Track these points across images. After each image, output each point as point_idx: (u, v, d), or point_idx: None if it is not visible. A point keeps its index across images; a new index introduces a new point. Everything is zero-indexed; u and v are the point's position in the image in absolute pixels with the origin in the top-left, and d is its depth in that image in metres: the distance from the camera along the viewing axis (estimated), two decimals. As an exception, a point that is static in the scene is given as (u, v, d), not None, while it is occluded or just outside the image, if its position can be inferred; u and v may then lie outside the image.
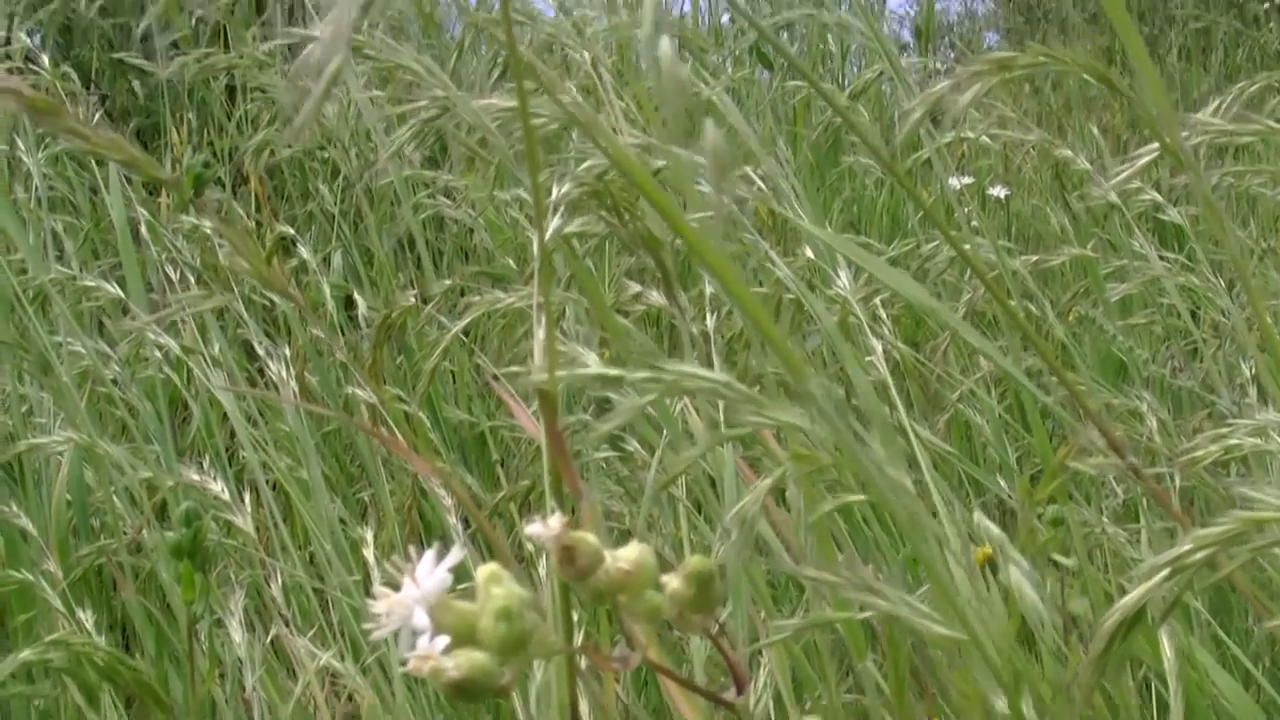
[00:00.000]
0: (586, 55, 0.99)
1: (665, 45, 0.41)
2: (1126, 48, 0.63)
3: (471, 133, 0.79)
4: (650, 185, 0.58)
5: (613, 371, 0.64)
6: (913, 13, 4.43)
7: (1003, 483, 1.37)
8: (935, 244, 1.43)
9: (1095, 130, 2.03)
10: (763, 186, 1.01)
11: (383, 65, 0.79)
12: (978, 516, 0.80)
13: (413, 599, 0.44)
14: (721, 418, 1.03)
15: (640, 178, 0.59)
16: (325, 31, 0.39)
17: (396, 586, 0.44)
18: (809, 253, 1.12)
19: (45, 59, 1.78)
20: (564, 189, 0.79)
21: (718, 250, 0.58)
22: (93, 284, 1.45)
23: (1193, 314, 1.56)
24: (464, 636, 0.45)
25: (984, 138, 1.47)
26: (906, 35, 4.12)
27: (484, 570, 0.46)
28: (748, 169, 1.25)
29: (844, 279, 1.06)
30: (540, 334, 0.76)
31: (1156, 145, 0.71)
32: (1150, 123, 0.69)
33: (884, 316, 1.26)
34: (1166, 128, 0.66)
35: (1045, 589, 1.14)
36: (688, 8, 2.68)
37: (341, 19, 0.40)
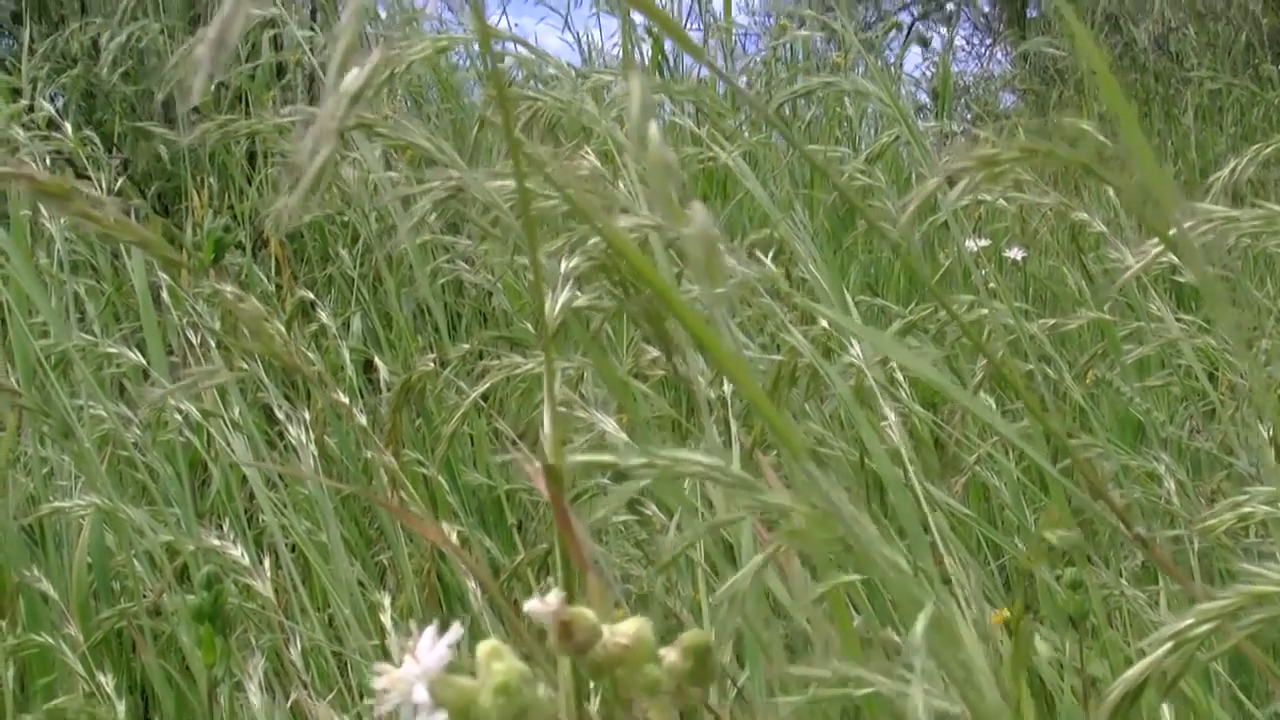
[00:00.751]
0: (602, 122, 1.00)
1: (653, 130, 0.42)
2: (1124, 135, 0.64)
3: (486, 210, 0.80)
4: (644, 264, 0.59)
5: (606, 458, 0.65)
6: (930, 75, 4.44)
7: (1021, 545, 1.37)
8: (954, 307, 1.44)
9: (1111, 191, 2.03)
10: (766, 260, 1.02)
11: (396, 143, 0.80)
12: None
13: (413, 675, 0.44)
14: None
15: (634, 257, 0.59)
16: (317, 121, 0.40)
17: (406, 659, 0.45)
18: (824, 322, 1.13)
19: (68, 126, 1.80)
20: (573, 262, 0.80)
21: (711, 330, 0.58)
22: (114, 350, 1.46)
23: (1210, 375, 1.57)
24: (463, 712, 0.45)
25: (1001, 201, 1.47)
26: (923, 96, 4.13)
27: (484, 647, 0.46)
28: (764, 232, 1.25)
29: (859, 347, 1.06)
30: (549, 407, 0.77)
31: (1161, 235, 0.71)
32: (1153, 217, 0.69)
33: (901, 379, 1.26)
34: (1164, 214, 0.66)
35: (1064, 652, 1.14)
36: (705, 73, 2.70)
37: (333, 111, 0.40)
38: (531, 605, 0.47)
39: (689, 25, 3.03)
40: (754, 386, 0.58)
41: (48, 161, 1.82)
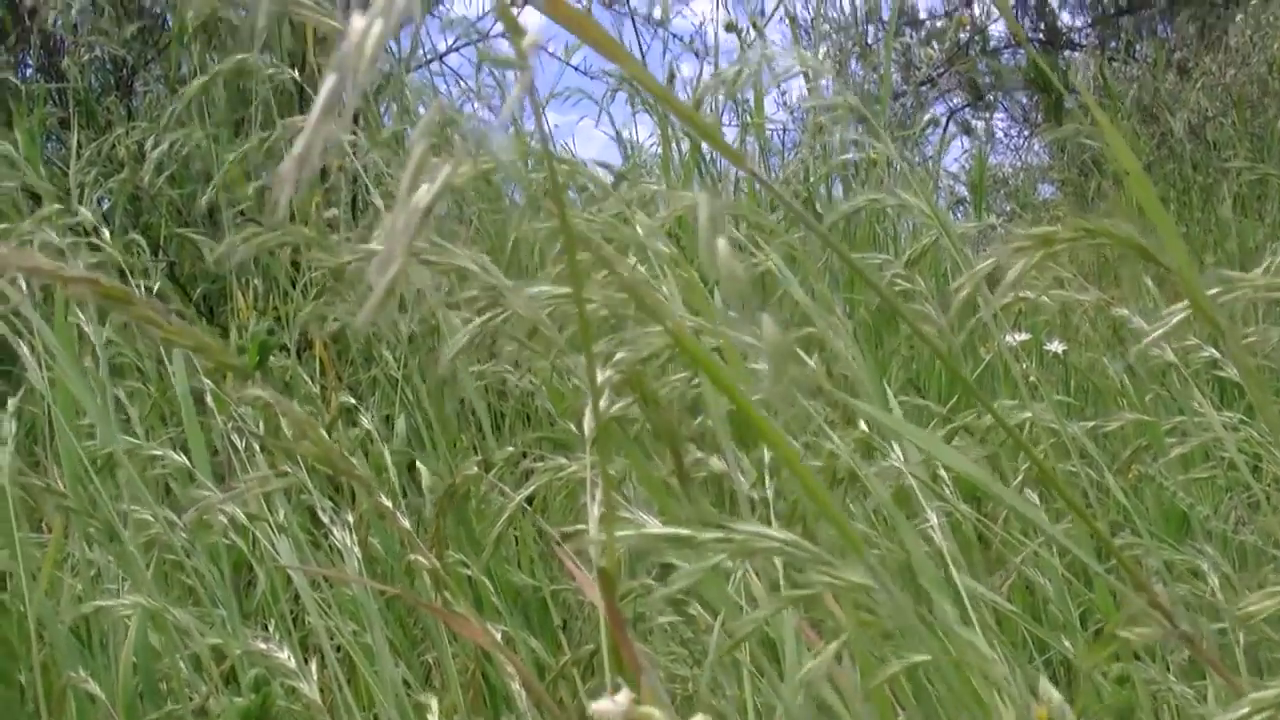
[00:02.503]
0: (642, 232, 1.01)
1: (722, 243, 0.43)
2: (1154, 221, 0.64)
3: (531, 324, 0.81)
4: (709, 362, 0.60)
5: (683, 531, 0.65)
6: (967, 167, 4.46)
7: (1067, 642, 1.36)
8: (996, 407, 1.44)
9: (1150, 282, 2.03)
10: (811, 362, 1.02)
11: (440, 266, 0.81)
12: (1038, 678, 0.80)
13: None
14: (783, 581, 1.04)
15: (699, 355, 0.60)
16: (385, 244, 0.41)
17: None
18: (864, 426, 1.13)
19: (106, 233, 1.82)
20: (606, 374, 0.80)
21: (774, 427, 0.59)
22: (159, 453, 1.47)
23: (1254, 468, 1.56)
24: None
25: (1043, 297, 1.48)
26: (962, 189, 4.15)
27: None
28: (805, 331, 1.26)
29: (899, 452, 1.07)
30: (596, 509, 0.78)
31: (1186, 304, 0.72)
32: (1188, 287, 0.70)
33: (944, 476, 1.26)
34: (1197, 292, 0.67)
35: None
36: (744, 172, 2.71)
37: (405, 227, 0.41)
38: (601, 706, 0.48)
39: (726, 122, 3.05)
40: (816, 483, 0.58)
41: (81, 266, 1.84)
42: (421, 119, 0.43)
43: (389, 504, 1.15)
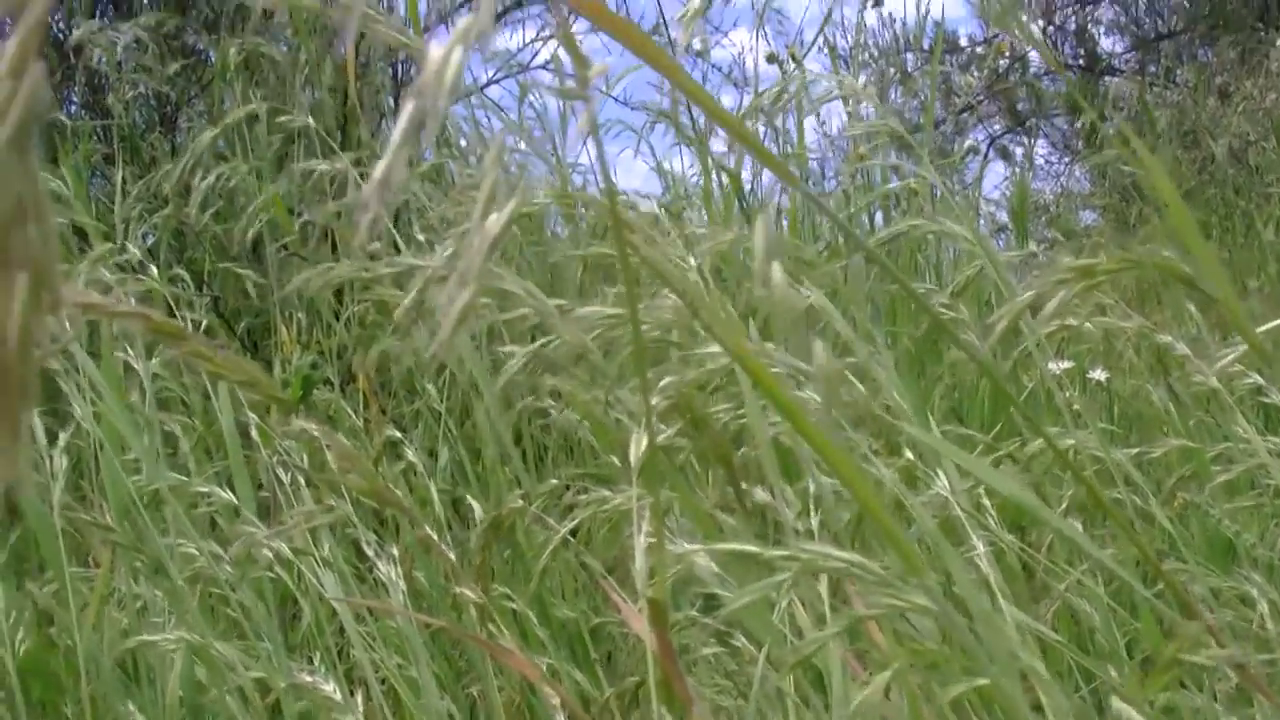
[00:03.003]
0: (691, 262, 1.01)
1: (777, 271, 0.43)
2: (1192, 252, 0.64)
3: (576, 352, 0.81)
4: (771, 382, 0.60)
5: (750, 548, 0.65)
6: (1008, 194, 4.45)
7: (1113, 670, 1.36)
8: (1040, 438, 1.44)
9: (1193, 307, 2.03)
10: (860, 387, 1.02)
11: (487, 290, 0.81)
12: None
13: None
14: (829, 610, 1.04)
15: (762, 375, 0.60)
16: (455, 273, 0.42)
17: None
18: (909, 454, 1.13)
19: (154, 269, 1.83)
20: (654, 401, 0.81)
21: (834, 446, 0.59)
22: (205, 489, 1.48)
23: (1301, 494, 1.56)
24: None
25: (1086, 325, 1.47)
26: (1003, 216, 4.14)
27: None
28: (847, 361, 1.26)
29: (944, 480, 1.06)
30: (642, 539, 0.78)
31: (1241, 341, 0.72)
32: (1232, 315, 0.70)
33: (987, 505, 1.26)
34: (1241, 320, 0.67)
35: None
36: (784, 201, 2.72)
37: (476, 256, 0.42)
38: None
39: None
40: (879, 505, 0.58)
41: (133, 302, 1.85)
42: (490, 151, 0.43)
43: (434, 536, 1.16)
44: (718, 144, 2.83)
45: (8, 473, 0.35)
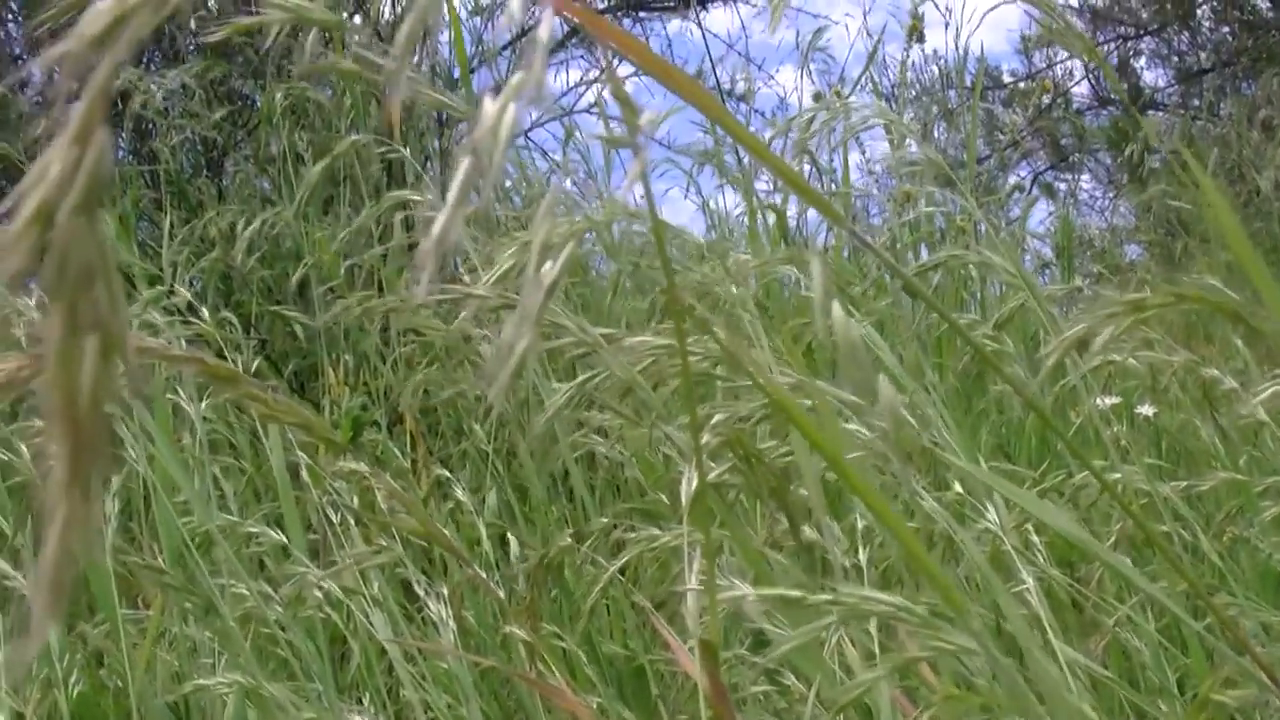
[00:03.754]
0: (735, 290, 1.01)
1: (837, 309, 0.43)
2: (1253, 280, 0.64)
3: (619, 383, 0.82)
4: (806, 422, 0.60)
5: (794, 593, 0.65)
6: (1053, 229, 4.45)
7: (1163, 706, 1.35)
8: (1086, 473, 1.43)
9: (1240, 341, 2.02)
10: (910, 419, 1.02)
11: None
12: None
13: None
14: (878, 648, 1.04)
15: (796, 414, 0.61)
16: (514, 322, 0.42)
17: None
18: (958, 487, 1.13)
19: (205, 311, 1.85)
20: (704, 439, 0.81)
21: (872, 487, 0.59)
22: (256, 530, 1.49)
23: (1351, 528, 1.55)
24: None
25: (1130, 360, 1.47)
26: (1047, 251, 4.13)
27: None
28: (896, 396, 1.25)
29: (994, 514, 1.06)
30: (693, 578, 0.78)
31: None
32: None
33: (1036, 541, 1.26)
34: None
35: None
36: (832, 240, 2.72)
37: (532, 303, 0.42)
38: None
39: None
40: (915, 541, 0.59)
41: (184, 344, 1.87)
42: (545, 200, 0.44)
43: (483, 575, 1.16)
44: (762, 184, 2.84)
45: (83, 533, 0.36)
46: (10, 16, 4.42)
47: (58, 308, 0.36)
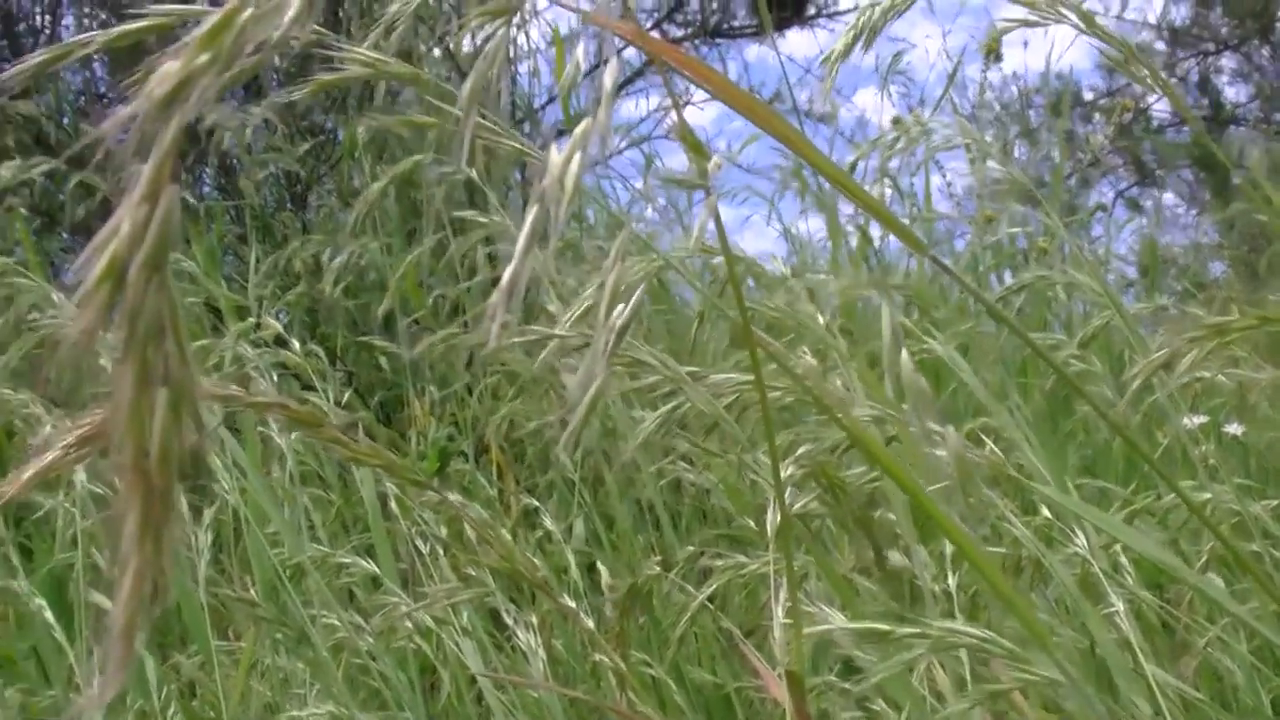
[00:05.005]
0: (821, 320, 1.02)
1: (905, 357, 0.44)
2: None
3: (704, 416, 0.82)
4: (885, 456, 0.61)
5: (881, 626, 0.66)
6: (1137, 248, 4.42)
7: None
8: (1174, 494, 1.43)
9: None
10: (994, 447, 1.02)
11: (620, 360, 0.83)
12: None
13: None
14: (969, 675, 1.04)
15: (874, 449, 0.61)
16: (586, 364, 0.43)
17: None
18: (1046, 511, 1.13)
19: (295, 343, 1.86)
20: (788, 471, 0.81)
21: (953, 519, 0.59)
22: (348, 560, 1.50)
23: None
24: None
25: (1219, 377, 1.46)
26: (1131, 271, 4.11)
27: None
28: (980, 420, 1.26)
29: (1082, 539, 1.06)
30: (780, 608, 0.78)
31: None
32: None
33: (1125, 563, 1.25)
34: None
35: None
36: (912, 262, 2.72)
37: (604, 346, 0.43)
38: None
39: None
40: (999, 577, 0.59)
41: (274, 377, 1.89)
42: (617, 242, 0.44)
43: (572, 605, 1.17)
44: (845, 205, 2.84)
45: (159, 585, 0.37)
46: (96, 55, 4.47)
47: (129, 362, 0.37)
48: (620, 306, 0.45)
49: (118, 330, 0.37)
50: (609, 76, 0.45)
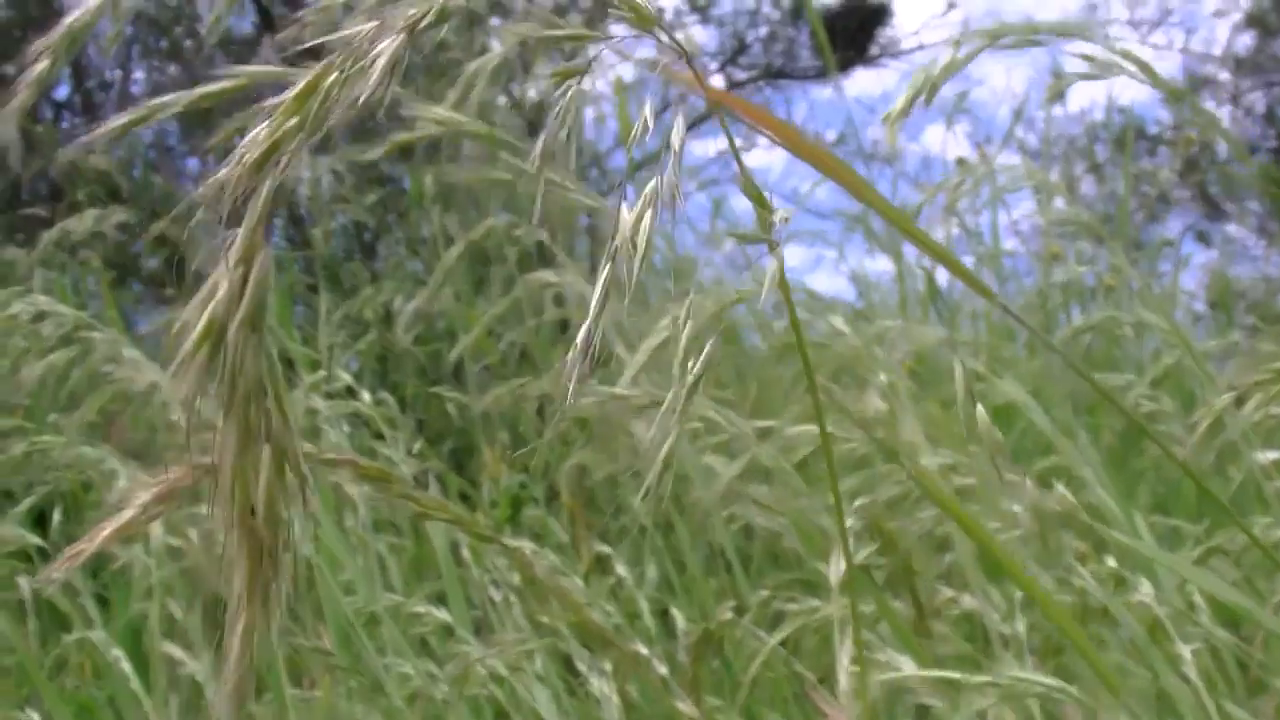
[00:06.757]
0: (884, 377, 1.02)
1: (981, 411, 0.44)
2: None
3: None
4: (954, 506, 0.61)
5: (951, 674, 0.66)
6: (1205, 282, 4.40)
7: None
8: (1251, 527, 1.42)
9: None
10: (1064, 490, 1.02)
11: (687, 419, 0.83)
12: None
13: None
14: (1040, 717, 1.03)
15: (941, 498, 0.61)
16: (659, 422, 0.44)
17: None
18: (1113, 561, 1.13)
19: (365, 394, 1.88)
20: (849, 522, 0.82)
21: (1022, 568, 0.60)
22: (422, 610, 1.51)
23: None
24: None
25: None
26: (1199, 305, 4.08)
27: None
28: (1050, 460, 1.26)
29: (1148, 587, 1.06)
30: (845, 656, 0.79)
31: None
32: None
33: (1200, 602, 1.25)
34: None
35: None
36: (979, 303, 2.71)
37: (675, 403, 0.44)
38: None
39: (958, 253, 3.04)
40: (1070, 622, 0.59)
41: (346, 427, 1.90)
42: (685, 303, 0.45)
43: (644, 651, 1.17)
44: (911, 247, 2.83)
45: (263, 643, 0.37)
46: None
47: (231, 421, 0.38)
48: (692, 362, 0.46)
49: (219, 391, 0.38)
50: (676, 136, 0.45)
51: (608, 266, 0.42)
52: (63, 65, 0.88)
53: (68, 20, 0.89)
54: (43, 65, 0.89)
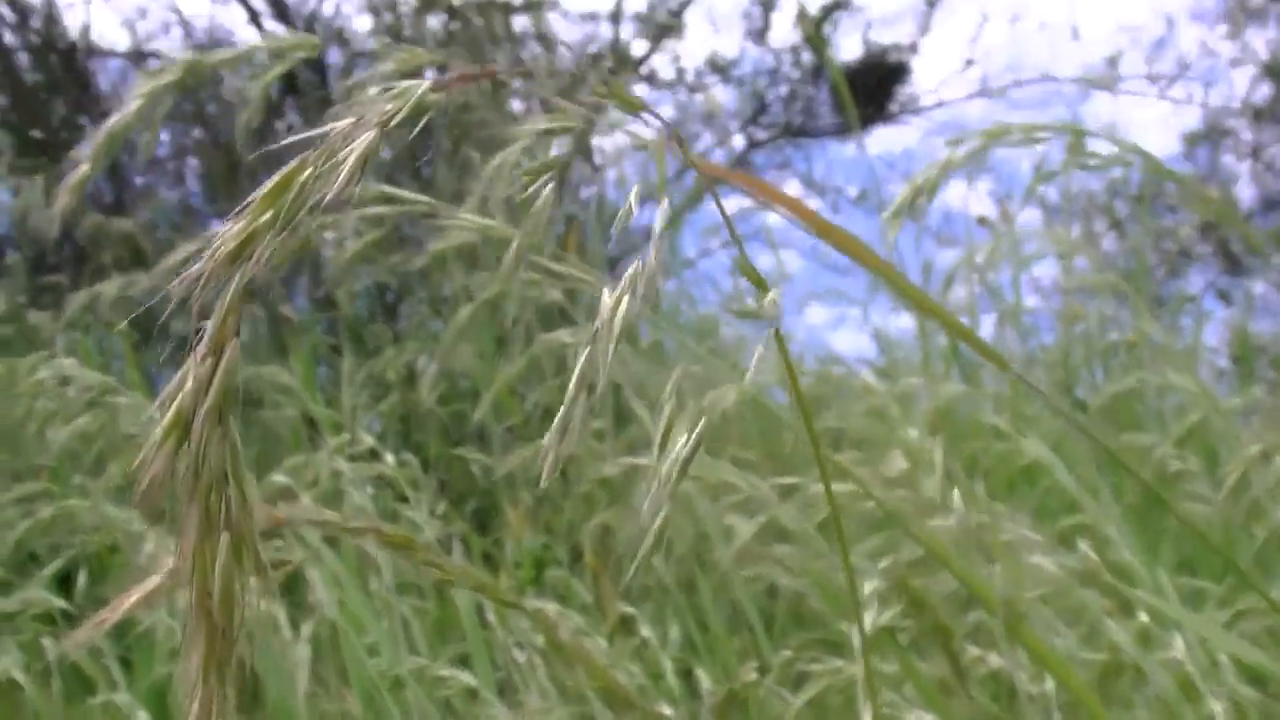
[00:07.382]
0: (913, 433, 1.03)
1: (958, 499, 0.44)
2: None
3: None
4: (966, 573, 0.61)
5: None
6: (1228, 337, 4.40)
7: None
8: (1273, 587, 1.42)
9: None
10: (1087, 549, 1.02)
11: (705, 482, 0.84)
12: None
13: None
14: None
15: (954, 566, 0.62)
16: (653, 493, 0.44)
17: None
18: (1144, 616, 1.13)
19: (389, 456, 1.89)
20: (873, 584, 0.82)
21: (1041, 638, 0.60)
22: (446, 673, 1.51)
23: None
24: None
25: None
26: (1222, 361, 4.08)
27: None
28: (1074, 518, 1.25)
29: (1179, 645, 1.06)
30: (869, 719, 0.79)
31: None
32: None
33: (1224, 661, 1.24)
34: None
35: None
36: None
37: (668, 477, 0.44)
38: None
39: (981, 309, 3.05)
40: (1081, 686, 0.59)
41: (369, 489, 1.90)
42: (670, 382, 0.46)
43: (669, 712, 1.17)
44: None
45: (221, 714, 0.38)
46: (191, 172, 4.56)
47: (193, 508, 0.39)
48: (683, 439, 0.46)
49: (184, 479, 0.39)
50: (659, 221, 0.46)
51: (586, 351, 0.43)
52: (101, 169, 0.90)
53: (106, 125, 0.90)
54: (83, 170, 0.91)
